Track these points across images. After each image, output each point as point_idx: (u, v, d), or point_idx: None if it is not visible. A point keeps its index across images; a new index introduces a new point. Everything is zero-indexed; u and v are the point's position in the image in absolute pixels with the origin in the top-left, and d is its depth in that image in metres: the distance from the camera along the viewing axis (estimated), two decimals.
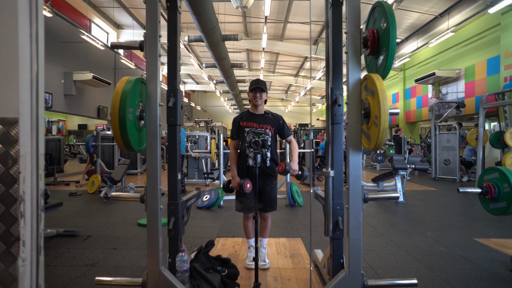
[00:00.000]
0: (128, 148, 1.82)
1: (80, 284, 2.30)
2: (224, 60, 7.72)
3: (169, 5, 1.96)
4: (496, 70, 8.94)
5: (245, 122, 2.53)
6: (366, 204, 1.88)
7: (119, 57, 11.65)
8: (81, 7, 10.31)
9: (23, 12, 0.95)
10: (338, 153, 1.94)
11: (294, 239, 3.38)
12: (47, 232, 3.33)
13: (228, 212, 4.63)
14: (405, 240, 3.32)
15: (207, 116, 24.53)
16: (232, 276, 2.15)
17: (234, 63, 8.73)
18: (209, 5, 4.75)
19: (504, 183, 2.36)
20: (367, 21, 1.97)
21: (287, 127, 2.62)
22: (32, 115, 0.97)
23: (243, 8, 5.67)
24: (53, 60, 9.04)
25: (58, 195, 6.01)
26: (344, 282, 1.81)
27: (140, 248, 3.06)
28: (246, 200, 2.49)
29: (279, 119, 2.59)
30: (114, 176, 5.62)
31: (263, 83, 2.52)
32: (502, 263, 2.69)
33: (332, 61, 1.94)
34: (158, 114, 1.84)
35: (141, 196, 1.89)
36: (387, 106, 1.64)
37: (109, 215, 4.46)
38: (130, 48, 1.97)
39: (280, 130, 2.58)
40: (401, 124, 14.65)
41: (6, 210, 0.93)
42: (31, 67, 0.97)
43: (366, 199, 1.84)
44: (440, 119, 9.00)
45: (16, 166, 0.93)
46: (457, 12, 9.69)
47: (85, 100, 10.66)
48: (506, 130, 6.09)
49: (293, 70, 18.87)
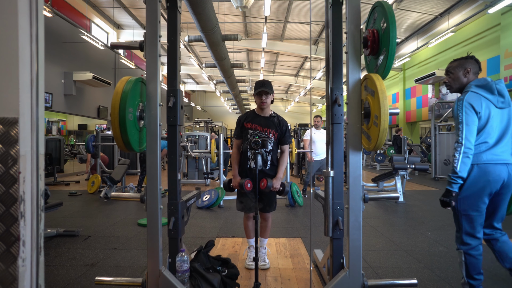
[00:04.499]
0: (128, 148, 1.82)
1: (80, 284, 2.30)
2: (224, 60, 7.72)
3: (169, 5, 1.96)
4: (496, 70, 8.94)
5: (249, 123, 2.50)
6: (366, 204, 1.88)
7: (119, 57, 11.65)
8: (81, 7, 10.31)
9: (23, 12, 0.95)
10: (338, 153, 1.94)
11: (294, 239, 3.38)
12: (47, 232, 3.33)
13: (228, 212, 4.63)
14: (405, 240, 3.31)
15: (207, 116, 24.52)
16: (232, 276, 2.15)
17: (234, 63, 8.72)
18: (209, 5, 4.75)
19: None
20: (367, 21, 1.97)
21: (289, 134, 2.58)
22: (32, 115, 0.97)
23: (243, 8, 5.66)
24: (53, 60, 9.04)
25: (58, 195, 6.01)
26: (344, 282, 1.81)
27: (140, 248, 3.06)
28: (246, 200, 2.49)
29: (283, 125, 2.54)
30: (114, 176, 5.61)
31: (268, 85, 2.45)
32: None
33: (332, 61, 1.94)
34: (158, 114, 1.84)
35: (141, 196, 1.89)
36: (387, 106, 1.64)
37: (109, 215, 4.46)
38: (130, 48, 1.97)
39: (281, 136, 2.54)
40: (401, 124, 14.64)
41: (6, 210, 0.93)
42: (31, 67, 0.97)
43: (366, 199, 1.84)
44: (440, 119, 8.99)
45: (16, 166, 0.93)
46: (457, 12, 9.69)
47: (85, 100, 10.66)
48: None
49: (293, 70, 18.87)
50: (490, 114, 1.81)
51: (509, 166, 1.83)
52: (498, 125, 1.83)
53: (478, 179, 1.81)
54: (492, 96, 1.83)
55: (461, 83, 1.96)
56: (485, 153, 1.81)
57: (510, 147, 1.86)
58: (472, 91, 1.85)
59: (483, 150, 1.81)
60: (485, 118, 1.81)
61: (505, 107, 1.84)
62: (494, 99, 1.83)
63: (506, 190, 1.85)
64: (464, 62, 1.97)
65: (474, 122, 1.79)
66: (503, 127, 1.84)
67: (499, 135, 1.83)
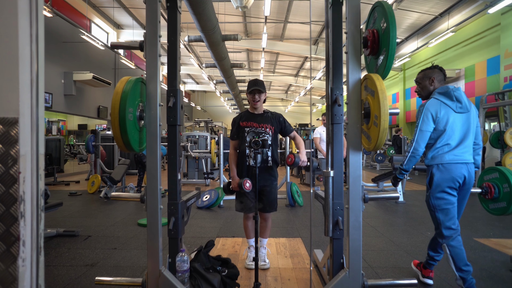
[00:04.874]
0: (128, 148, 1.82)
1: (80, 284, 2.30)
2: (224, 60, 7.72)
3: (169, 5, 1.96)
4: (496, 70, 8.94)
5: (244, 122, 2.53)
6: (366, 204, 1.88)
7: (119, 57, 11.65)
8: (81, 7, 10.31)
9: (23, 12, 0.95)
10: (338, 153, 1.94)
11: (294, 239, 3.38)
12: (47, 232, 3.33)
13: (228, 212, 4.63)
14: (405, 240, 3.31)
15: (207, 116, 24.53)
16: (232, 276, 2.15)
17: (234, 63, 8.71)
18: (209, 5, 4.75)
19: (504, 183, 2.37)
20: (367, 21, 1.97)
21: (288, 123, 2.61)
22: (32, 115, 0.96)
23: (243, 8, 5.66)
24: (53, 60, 9.04)
25: (58, 195, 6.01)
26: (344, 282, 1.81)
27: (140, 248, 3.06)
28: (246, 200, 2.49)
29: (278, 117, 2.58)
30: (114, 176, 5.62)
31: (261, 84, 2.51)
32: (502, 263, 2.69)
33: (332, 61, 1.94)
34: (158, 114, 1.84)
35: (141, 196, 1.89)
36: (387, 106, 1.64)
37: (109, 215, 4.46)
38: (130, 48, 1.97)
39: (282, 128, 2.57)
40: (401, 124, 14.64)
41: (6, 210, 0.93)
42: (31, 67, 0.97)
43: (366, 199, 1.84)
44: None
45: (16, 166, 0.93)
46: (457, 12, 9.69)
47: (85, 100, 10.66)
48: (506, 130, 6.09)
49: (293, 70, 18.87)
50: (449, 118, 2.06)
51: (468, 165, 2.08)
52: (459, 128, 2.07)
53: (444, 176, 2.06)
54: (451, 102, 2.08)
55: (428, 91, 2.22)
56: (447, 154, 2.06)
57: (470, 148, 2.10)
58: (435, 98, 2.12)
59: (446, 151, 2.07)
60: (444, 121, 2.05)
61: (464, 112, 2.08)
62: (453, 105, 2.07)
63: (466, 187, 2.12)
64: (429, 72, 2.22)
65: (428, 129, 2.07)
66: (464, 130, 2.08)
67: (460, 138, 2.07)
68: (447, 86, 2.12)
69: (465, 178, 2.07)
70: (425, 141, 2.08)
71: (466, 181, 2.09)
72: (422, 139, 2.08)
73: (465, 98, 2.10)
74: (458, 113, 2.07)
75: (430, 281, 2.29)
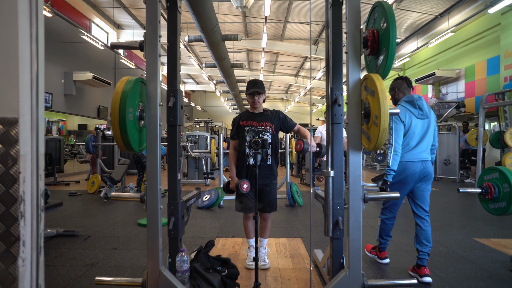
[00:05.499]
0: (128, 148, 1.82)
1: (80, 284, 2.30)
2: (224, 60, 7.72)
3: (169, 5, 1.96)
4: (496, 70, 8.94)
5: (244, 121, 2.53)
6: (366, 204, 1.88)
7: (119, 57, 11.64)
8: (81, 7, 10.31)
9: (23, 12, 0.95)
10: (338, 153, 1.94)
11: (294, 239, 3.38)
12: (47, 232, 3.33)
13: (228, 212, 4.63)
14: (405, 240, 3.31)
15: (207, 116, 24.52)
16: (232, 276, 2.15)
17: (234, 63, 8.72)
18: (209, 5, 4.75)
19: (504, 183, 2.38)
20: (367, 21, 1.97)
21: (290, 118, 2.59)
22: (32, 115, 0.96)
23: (243, 8, 5.67)
24: (53, 60, 9.04)
25: (58, 195, 6.01)
26: (344, 282, 1.81)
27: (140, 248, 3.06)
28: (246, 200, 2.49)
29: (278, 114, 2.58)
30: (114, 176, 5.62)
31: (260, 85, 2.50)
32: (502, 263, 2.69)
33: (332, 61, 1.94)
34: (158, 114, 1.84)
35: (141, 196, 1.89)
36: (387, 106, 1.64)
37: (109, 215, 4.46)
38: (130, 48, 1.97)
39: (284, 124, 2.56)
40: None
41: (6, 210, 0.93)
42: (31, 67, 0.97)
43: (366, 199, 1.84)
44: (440, 119, 8.99)
45: (16, 166, 0.93)
46: (457, 12, 9.69)
47: (85, 100, 10.66)
48: (506, 130, 6.09)
49: (293, 70, 18.87)
50: (411, 123, 2.38)
51: (424, 162, 2.41)
52: (419, 132, 2.41)
53: (400, 172, 2.40)
54: (414, 109, 2.41)
55: (396, 99, 2.61)
56: (407, 153, 2.40)
57: (428, 148, 2.45)
58: (401, 105, 2.46)
59: (405, 151, 2.40)
60: (407, 125, 2.38)
61: (425, 118, 2.42)
62: (415, 111, 2.41)
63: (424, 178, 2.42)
64: (394, 84, 2.61)
65: (401, 128, 2.38)
66: (422, 133, 2.42)
67: (419, 139, 2.41)
68: (412, 96, 2.45)
69: (420, 174, 2.39)
70: (401, 138, 2.37)
71: (422, 175, 2.40)
72: (398, 137, 2.35)
73: (426, 106, 2.44)
74: (419, 119, 2.40)
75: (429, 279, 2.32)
